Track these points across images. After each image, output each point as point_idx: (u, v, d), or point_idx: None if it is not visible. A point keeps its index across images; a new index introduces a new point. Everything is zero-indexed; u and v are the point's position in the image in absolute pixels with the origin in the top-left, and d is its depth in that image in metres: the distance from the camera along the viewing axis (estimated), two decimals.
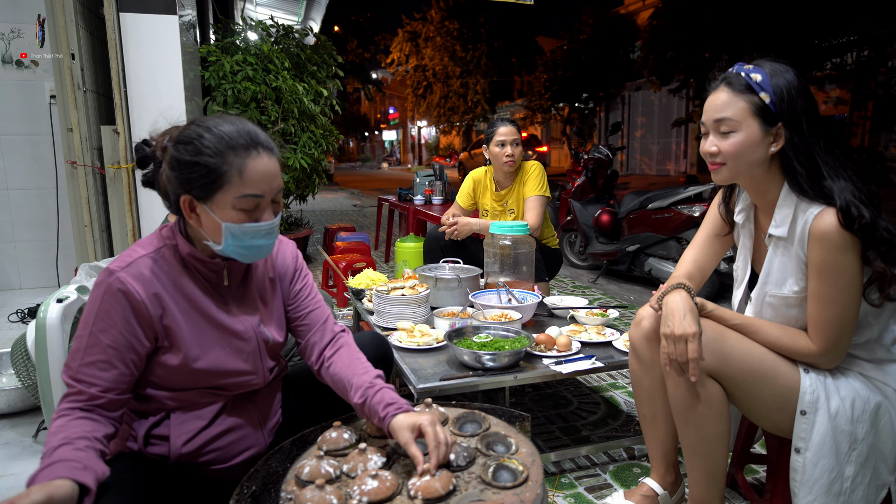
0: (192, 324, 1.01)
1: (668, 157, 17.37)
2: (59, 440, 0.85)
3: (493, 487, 0.87)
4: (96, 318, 0.94)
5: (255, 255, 1.01)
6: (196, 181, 0.93)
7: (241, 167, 0.93)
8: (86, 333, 0.94)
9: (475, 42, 21.39)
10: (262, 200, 0.97)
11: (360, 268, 2.98)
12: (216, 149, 0.93)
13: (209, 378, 1.04)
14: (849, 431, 1.10)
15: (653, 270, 3.84)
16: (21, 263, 3.48)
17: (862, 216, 1.03)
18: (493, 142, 2.56)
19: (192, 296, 1.02)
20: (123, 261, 0.97)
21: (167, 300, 0.99)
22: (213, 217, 0.95)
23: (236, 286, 1.09)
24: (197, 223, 0.98)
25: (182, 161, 0.94)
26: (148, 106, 2.96)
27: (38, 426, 1.80)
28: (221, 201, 0.95)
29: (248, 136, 0.95)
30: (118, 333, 0.94)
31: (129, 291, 0.94)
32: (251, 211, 0.96)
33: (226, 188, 0.94)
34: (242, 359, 1.07)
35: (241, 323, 1.07)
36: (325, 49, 4.19)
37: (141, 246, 1.01)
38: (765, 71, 1.12)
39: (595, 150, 4.72)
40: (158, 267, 0.99)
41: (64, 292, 1.72)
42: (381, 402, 1.01)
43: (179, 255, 1.01)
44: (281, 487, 0.91)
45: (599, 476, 1.64)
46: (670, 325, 1.13)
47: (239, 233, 0.96)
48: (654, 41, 12.31)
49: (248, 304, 1.10)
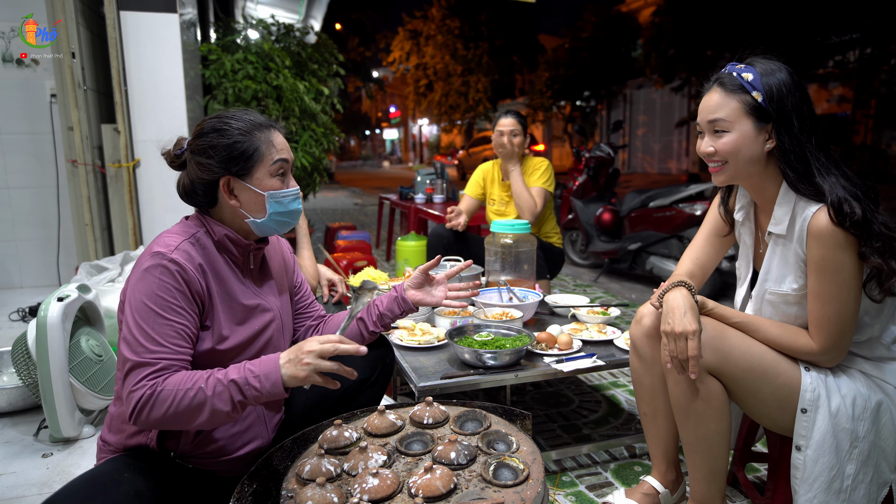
0: (225, 304, 1.07)
1: (670, 156, 17.35)
2: (205, 372, 0.95)
3: (494, 485, 0.87)
4: (157, 299, 0.96)
5: (290, 221, 1.13)
6: (237, 159, 1.05)
7: (268, 138, 1.08)
8: (148, 316, 0.95)
9: (476, 40, 21.34)
10: (287, 166, 1.11)
11: (361, 266, 2.98)
12: (245, 129, 1.06)
13: (235, 357, 1.07)
14: (850, 429, 1.10)
15: (654, 269, 3.83)
16: (22, 262, 3.48)
17: (853, 213, 1.03)
18: (495, 132, 2.65)
19: (225, 277, 1.08)
20: (167, 245, 1.00)
21: (210, 277, 1.05)
22: (256, 190, 1.07)
23: (257, 270, 1.18)
24: (237, 203, 1.07)
25: (216, 145, 1.05)
26: (148, 104, 2.96)
27: (38, 425, 1.80)
28: (261, 172, 1.07)
29: (263, 118, 1.11)
30: (182, 310, 0.98)
31: (185, 268, 0.99)
32: (283, 177, 1.10)
33: (262, 160, 1.07)
34: (266, 337, 1.14)
35: (266, 300, 1.16)
36: (326, 47, 4.18)
37: (174, 234, 1.05)
38: (756, 70, 1.12)
39: (597, 149, 4.71)
40: (196, 250, 1.05)
41: (65, 291, 1.72)
42: (389, 297, 1.27)
43: (212, 239, 1.09)
44: (282, 486, 0.91)
45: (600, 474, 1.64)
46: (671, 323, 1.13)
47: (279, 197, 1.09)
48: (656, 39, 12.28)
49: (269, 286, 1.20)
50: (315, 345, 0.95)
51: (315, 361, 0.93)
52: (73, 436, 1.73)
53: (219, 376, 0.94)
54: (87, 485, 0.89)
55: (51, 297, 1.67)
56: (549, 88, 17.89)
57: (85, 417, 1.79)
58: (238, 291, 1.10)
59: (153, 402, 0.91)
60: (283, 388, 0.94)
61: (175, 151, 1.12)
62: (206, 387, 0.92)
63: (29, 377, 1.77)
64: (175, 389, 0.91)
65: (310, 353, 0.94)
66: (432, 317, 1.90)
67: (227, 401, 0.92)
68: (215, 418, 0.93)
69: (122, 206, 2.98)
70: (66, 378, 1.66)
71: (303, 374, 0.93)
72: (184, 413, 0.91)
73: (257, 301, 1.13)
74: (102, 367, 1.84)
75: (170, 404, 0.91)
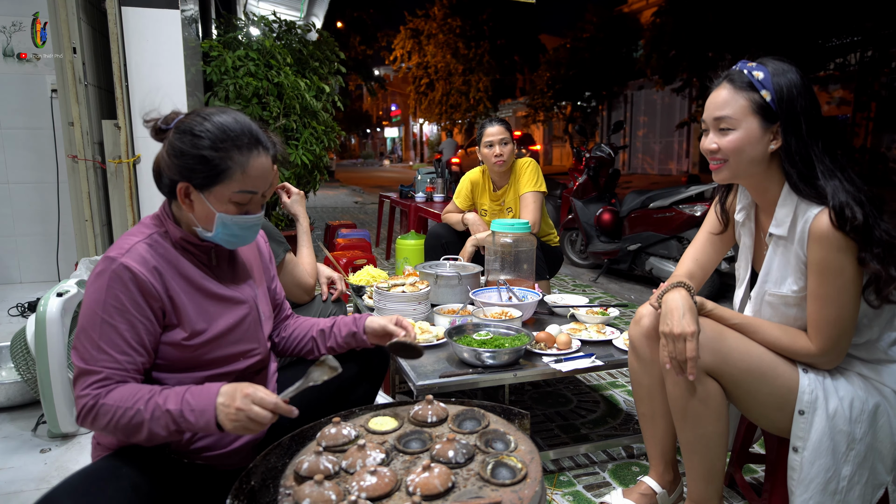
0: (194, 300, 1.05)
1: (671, 157, 17.35)
2: (148, 390, 0.93)
3: (492, 484, 0.87)
4: (105, 305, 0.94)
5: (238, 243, 1.08)
6: (199, 172, 0.98)
7: (244, 165, 0.99)
8: (95, 322, 0.93)
9: (478, 39, 21.32)
10: (256, 196, 1.04)
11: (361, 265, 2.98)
12: (221, 144, 0.97)
13: (215, 351, 1.06)
14: (847, 431, 1.10)
15: (654, 270, 3.84)
16: (21, 257, 3.48)
17: (855, 217, 1.02)
18: (483, 143, 2.57)
19: (189, 275, 1.05)
20: (120, 248, 0.98)
21: (168, 278, 1.02)
22: (209, 206, 1.00)
23: (225, 265, 1.15)
24: (189, 209, 1.02)
25: (185, 152, 0.98)
26: (149, 101, 2.95)
27: (37, 420, 1.80)
28: (220, 193, 1.00)
29: (250, 134, 1.01)
30: (131, 317, 0.95)
31: (136, 273, 0.96)
32: (244, 204, 1.03)
33: (227, 183, 0.99)
34: (244, 328, 1.12)
35: (238, 292, 1.13)
36: (327, 45, 4.18)
37: (132, 235, 1.03)
38: (767, 69, 1.11)
39: (597, 149, 4.71)
40: (154, 250, 1.01)
41: (64, 286, 1.72)
42: (349, 319, 1.27)
43: (171, 238, 1.05)
44: (280, 483, 0.91)
45: (598, 474, 1.64)
46: (669, 324, 1.13)
47: (230, 223, 1.02)
48: (657, 40, 12.28)
49: (241, 279, 1.16)
50: (254, 395, 0.90)
51: (247, 408, 0.89)
52: (72, 431, 1.74)
53: (158, 401, 0.91)
54: (86, 480, 0.89)
55: (50, 292, 1.67)
56: (550, 88, 17.89)
57: None
58: (207, 285, 1.07)
59: (95, 412, 0.91)
60: (218, 429, 0.90)
61: (161, 125, 1.03)
62: (144, 409, 0.90)
63: (28, 372, 1.77)
64: (115, 406, 0.90)
65: (245, 398, 0.89)
66: (431, 315, 1.90)
67: (164, 427, 0.91)
68: (155, 439, 0.92)
69: (123, 201, 2.98)
70: (65, 373, 1.66)
71: (230, 426, 0.89)
72: (124, 429, 0.91)
73: (229, 293, 1.10)
74: None
75: (110, 418, 0.90)
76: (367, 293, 2.19)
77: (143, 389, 0.93)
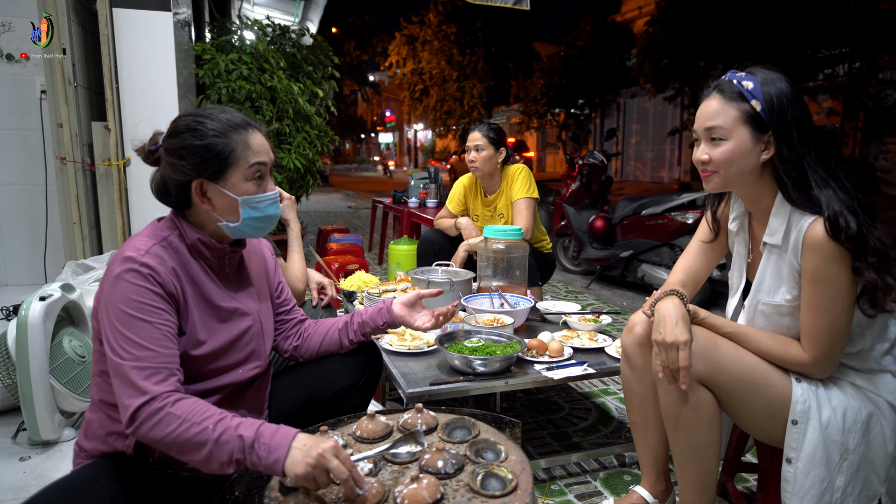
0: (200, 309, 1.04)
1: (663, 164, 17.49)
2: (219, 411, 0.89)
3: (482, 496, 0.85)
4: (134, 303, 0.92)
5: (265, 226, 1.08)
6: (209, 161, 1.00)
7: (245, 140, 1.03)
8: (128, 321, 0.91)
9: (472, 46, 21.44)
10: (265, 169, 1.05)
11: (353, 270, 2.96)
12: (220, 130, 1.01)
13: (211, 363, 1.04)
14: (840, 442, 1.09)
15: (646, 276, 3.84)
16: (8, 260, 3.42)
17: (849, 227, 1.02)
18: (467, 148, 2.61)
19: (199, 282, 1.05)
20: (138, 249, 0.97)
21: (184, 282, 1.02)
22: (229, 194, 1.02)
23: (234, 273, 1.15)
24: (209, 206, 1.03)
25: (190, 146, 1.00)
26: (140, 103, 2.93)
27: (17, 427, 1.76)
28: (234, 177, 1.02)
29: (241, 117, 1.05)
30: (162, 313, 0.95)
31: (158, 272, 0.96)
32: (260, 181, 1.05)
33: (237, 163, 1.02)
34: (246, 341, 1.11)
35: (244, 304, 1.13)
36: (321, 50, 4.17)
37: (146, 236, 1.01)
38: (757, 79, 1.11)
39: (590, 156, 4.73)
40: (168, 253, 1.01)
41: (47, 290, 1.69)
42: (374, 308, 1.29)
43: (185, 243, 1.05)
44: (265, 493, 0.89)
45: (590, 483, 1.63)
46: (662, 332, 1.12)
47: (254, 203, 1.04)
48: (649, 49, 12.40)
49: (247, 290, 1.16)
50: (338, 450, 0.84)
51: (329, 458, 0.82)
52: (53, 439, 1.70)
53: (230, 424, 0.86)
54: (62, 491, 0.86)
55: (32, 296, 1.64)
56: (544, 95, 18.01)
57: (65, 420, 1.75)
58: (214, 295, 1.06)
59: (158, 419, 0.86)
60: (282, 470, 0.83)
61: (149, 147, 1.06)
62: (213, 429, 0.85)
63: (8, 378, 1.73)
64: (182, 418, 0.86)
65: (333, 449, 0.83)
66: None
67: (228, 452, 0.85)
68: (208, 463, 0.86)
69: (112, 204, 2.94)
70: (47, 379, 1.62)
71: (301, 470, 0.81)
72: (183, 444, 0.86)
73: (235, 305, 1.10)
74: (85, 369, 1.80)
75: (173, 429, 0.86)
76: (359, 299, 2.17)
77: (213, 409, 0.89)
